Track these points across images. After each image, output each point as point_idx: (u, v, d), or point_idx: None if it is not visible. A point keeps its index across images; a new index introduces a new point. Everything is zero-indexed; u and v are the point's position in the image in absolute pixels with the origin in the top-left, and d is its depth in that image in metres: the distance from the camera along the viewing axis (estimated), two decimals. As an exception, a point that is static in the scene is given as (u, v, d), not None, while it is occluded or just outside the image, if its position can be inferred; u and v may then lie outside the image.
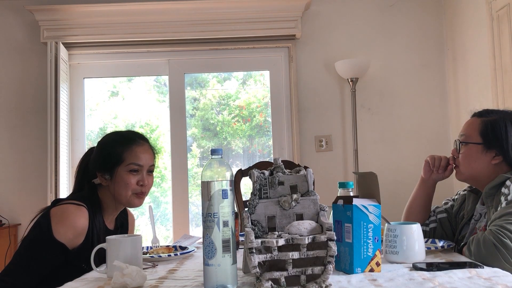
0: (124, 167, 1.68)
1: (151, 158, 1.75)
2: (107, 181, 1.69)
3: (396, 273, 1.24)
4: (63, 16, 3.49)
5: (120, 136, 1.77)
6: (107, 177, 1.69)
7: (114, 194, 1.69)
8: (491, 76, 2.87)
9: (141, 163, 1.70)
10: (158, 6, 3.50)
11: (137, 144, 1.72)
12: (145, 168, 1.72)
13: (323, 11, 3.64)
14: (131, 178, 1.68)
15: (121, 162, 1.68)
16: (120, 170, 1.67)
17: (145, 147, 1.74)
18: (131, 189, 1.68)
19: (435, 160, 1.79)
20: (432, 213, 1.85)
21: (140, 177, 1.70)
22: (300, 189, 1.20)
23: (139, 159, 1.70)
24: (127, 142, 1.71)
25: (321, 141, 3.58)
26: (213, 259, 1.12)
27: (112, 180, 1.68)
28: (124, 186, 1.67)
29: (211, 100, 3.93)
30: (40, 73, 3.50)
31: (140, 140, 1.75)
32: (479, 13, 3.04)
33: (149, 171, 1.75)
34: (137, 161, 1.69)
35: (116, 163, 1.68)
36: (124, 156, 1.68)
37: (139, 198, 1.71)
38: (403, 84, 3.61)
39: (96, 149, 1.76)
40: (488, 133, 1.64)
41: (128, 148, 1.69)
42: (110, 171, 1.68)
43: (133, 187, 1.68)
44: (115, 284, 1.18)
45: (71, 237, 1.57)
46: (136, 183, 1.69)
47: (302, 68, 3.62)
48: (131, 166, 1.68)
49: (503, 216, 1.42)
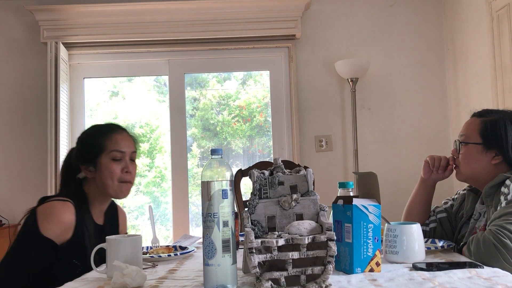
0: (106, 156, 1.68)
1: (132, 145, 1.77)
2: (92, 173, 1.70)
3: (396, 273, 1.24)
4: (63, 16, 3.49)
5: (99, 127, 1.80)
6: (91, 168, 1.69)
7: (100, 185, 1.69)
8: (491, 76, 2.87)
9: (122, 149, 1.71)
10: (158, 6, 3.50)
11: (116, 132, 1.74)
12: (127, 155, 1.72)
13: (323, 11, 3.64)
14: (115, 167, 1.68)
15: (103, 151, 1.69)
16: (103, 159, 1.68)
17: (125, 135, 1.77)
18: (117, 178, 1.69)
19: (435, 160, 1.79)
20: (432, 213, 1.85)
21: (124, 164, 1.71)
22: (300, 189, 1.20)
23: (120, 146, 1.71)
24: (107, 132, 1.73)
25: (321, 141, 3.58)
26: (213, 259, 1.13)
27: (97, 171, 1.68)
28: (110, 175, 1.68)
29: (211, 100, 3.93)
30: (40, 73, 3.50)
31: (118, 129, 1.77)
32: (479, 13, 3.04)
33: (132, 159, 1.75)
34: (118, 148, 1.70)
35: (98, 152, 1.69)
36: (105, 144, 1.69)
37: (126, 187, 1.72)
38: (403, 84, 3.61)
39: (77, 144, 1.78)
40: (488, 133, 1.64)
41: (108, 137, 1.71)
42: (94, 162, 1.69)
43: (119, 176, 1.69)
44: (115, 284, 1.18)
45: (58, 232, 1.58)
46: (120, 171, 1.69)
47: (302, 68, 3.62)
48: (113, 153, 1.69)
49: (502, 216, 1.42)
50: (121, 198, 1.75)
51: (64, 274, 1.53)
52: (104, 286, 1.24)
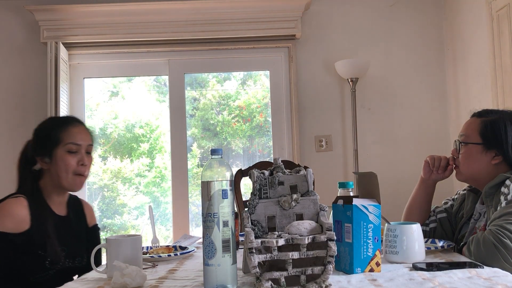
0: (62, 148, 1.71)
1: (89, 138, 1.79)
2: (47, 165, 1.72)
3: (396, 273, 1.24)
4: (63, 16, 3.49)
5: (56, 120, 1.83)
6: (47, 160, 1.72)
7: (55, 177, 1.71)
8: (491, 76, 2.87)
9: (78, 142, 1.73)
10: (158, 6, 3.50)
11: (73, 125, 1.77)
12: (83, 148, 1.75)
13: (323, 11, 3.64)
14: (70, 159, 1.71)
15: (59, 143, 1.71)
16: (59, 151, 1.71)
17: (81, 128, 1.79)
18: (71, 170, 1.71)
19: (435, 160, 1.79)
20: (432, 213, 1.85)
21: (80, 157, 1.73)
22: (300, 189, 1.20)
23: (77, 138, 1.73)
24: (63, 124, 1.76)
25: (321, 141, 3.58)
26: (213, 259, 1.13)
27: (52, 162, 1.71)
28: (64, 168, 1.70)
29: (211, 100, 3.93)
30: (40, 73, 3.50)
31: (75, 122, 1.80)
32: (479, 13, 3.04)
33: (87, 151, 1.78)
34: (74, 141, 1.72)
35: (54, 144, 1.71)
36: (61, 137, 1.72)
37: (79, 179, 1.74)
38: (403, 84, 3.61)
39: (33, 135, 1.80)
40: (487, 133, 1.64)
41: (64, 129, 1.73)
42: (49, 153, 1.71)
43: (74, 168, 1.71)
44: (115, 284, 1.18)
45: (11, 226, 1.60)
46: (76, 163, 1.72)
47: (302, 68, 3.62)
48: (69, 146, 1.71)
49: (502, 216, 1.42)
50: (75, 191, 1.77)
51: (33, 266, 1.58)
52: (104, 286, 1.24)
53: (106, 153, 3.93)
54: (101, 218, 3.91)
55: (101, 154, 3.92)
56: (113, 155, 3.93)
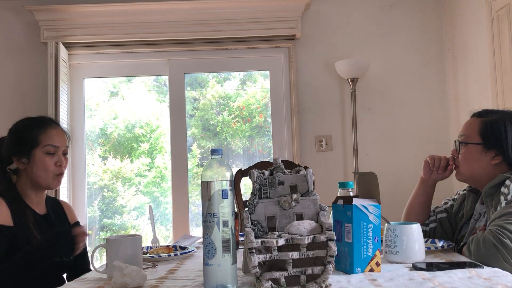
0: (41, 149, 1.74)
1: (65, 140, 1.83)
2: (24, 165, 1.74)
3: (396, 273, 1.24)
4: (63, 16, 3.49)
5: (33, 120, 1.85)
6: (24, 160, 1.74)
7: (33, 177, 1.74)
8: (491, 76, 2.87)
9: (57, 144, 1.77)
10: (158, 6, 3.50)
11: (51, 127, 1.80)
12: (60, 150, 1.79)
13: (323, 11, 3.64)
14: (48, 160, 1.75)
15: (37, 144, 1.74)
16: (37, 152, 1.74)
17: (59, 130, 1.83)
18: (50, 171, 1.75)
19: (435, 160, 1.79)
20: (432, 213, 1.85)
21: (57, 158, 1.77)
22: (300, 189, 1.20)
23: (55, 141, 1.77)
24: (42, 126, 1.79)
25: (321, 141, 3.58)
26: (213, 259, 1.13)
27: (30, 163, 1.74)
28: (43, 169, 1.74)
29: (211, 100, 3.93)
30: (40, 73, 3.50)
31: (53, 124, 1.83)
32: (479, 13, 3.04)
33: (64, 153, 1.82)
34: (53, 143, 1.76)
35: (32, 145, 1.74)
36: (40, 138, 1.75)
37: (58, 179, 1.79)
38: (403, 84, 3.61)
39: (10, 135, 1.82)
40: (487, 133, 1.64)
41: (43, 131, 1.77)
42: (27, 154, 1.74)
43: (52, 169, 1.75)
44: (115, 284, 1.18)
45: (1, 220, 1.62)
46: (54, 164, 1.76)
47: (302, 68, 3.62)
48: (48, 148, 1.75)
49: (502, 216, 1.42)
50: (53, 188, 1.82)
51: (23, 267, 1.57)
52: (104, 286, 1.25)
53: (106, 153, 3.93)
54: (101, 218, 3.91)
55: (101, 154, 3.92)
56: (113, 155, 3.93)
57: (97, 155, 3.88)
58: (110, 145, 3.95)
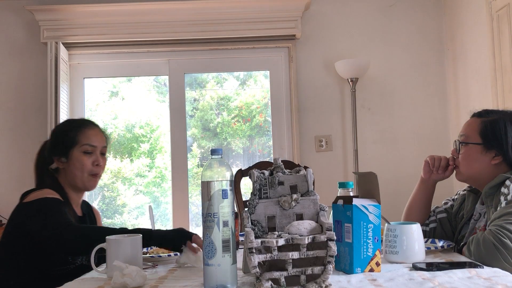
0: (78, 149, 1.80)
1: (103, 140, 1.89)
2: (63, 164, 1.81)
3: (396, 273, 1.24)
4: (63, 16, 3.49)
5: (73, 122, 1.94)
6: (63, 160, 1.80)
7: (70, 176, 1.80)
8: (491, 76, 2.87)
9: (94, 144, 1.83)
10: (158, 6, 3.50)
11: (89, 128, 1.86)
12: (98, 149, 1.84)
13: (323, 11, 3.64)
14: (86, 160, 1.80)
15: (75, 144, 1.80)
16: (75, 152, 1.80)
17: (97, 130, 1.89)
18: (87, 170, 1.80)
19: (435, 160, 1.79)
20: (432, 213, 1.85)
21: (95, 158, 1.82)
22: (300, 189, 1.20)
23: (92, 140, 1.83)
24: (80, 126, 1.86)
25: (321, 141, 3.58)
26: (213, 259, 1.13)
27: (68, 162, 1.80)
28: (80, 167, 1.79)
29: (211, 100, 3.93)
30: (40, 73, 3.50)
31: (91, 125, 1.90)
32: (479, 13, 3.04)
33: (102, 153, 1.87)
34: (90, 142, 1.82)
35: (70, 145, 1.80)
36: (78, 138, 1.81)
37: (94, 179, 1.83)
38: (403, 84, 3.61)
39: (51, 136, 1.90)
40: (487, 133, 1.64)
41: (81, 131, 1.83)
42: (66, 153, 1.80)
43: (89, 168, 1.80)
44: (115, 284, 1.18)
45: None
46: (91, 164, 1.81)
47: (302, 68, 3.62)
48: (85, 147, 1.81)
49: (502, 216, 1.42)
50: (89, 190, 1.86)
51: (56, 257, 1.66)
52: (104, 286, 1.24)
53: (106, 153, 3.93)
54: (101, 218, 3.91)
55: (101, 154, 3.91)
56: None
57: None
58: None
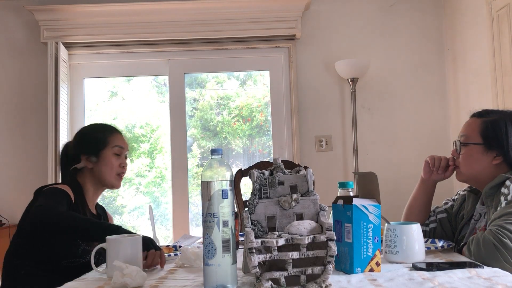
0: (109, 150, 1.89)
1: (128, 145, 2.00)
2: (92, 163, 1.87)
3: (396, 273, 1.24)
4: (63, 16, 3.49)
5: (102, 125, 2.03)
6: (93, 159, 1.87)
7: (99, 175, 1.87)
8: (491, 76, 2.87)
9: (123, 146, 1.94)
10: (158, 6, 3.50)
11: (117, 132, 1.98)
12: (124, 152, 1.95)
13: (323, 11, 3.64)
14: (115, 160, 1.89)
15: (107, 144, 1.89)
16: (106, 152, 1.88)
17: (123, 135, 2.00)
18: (115, 170, 1.89)
19: (435, 160, 1.79)
20: (432, 213, 1.85)
21: (122, 160, 1.92)
22: (300, 189, 1.20)
23: (122, 142, 1.94)
24: (110, 129, 1.96)
25: (321, 141, 3.58)
26: (213, 259, 1.13)
27: (98, 162, 1.87)
28: (110, 167, 1.88)
29: (211, 100, 3.93)
30: (40, 73, 3.50)
31: (118, 129, 2.01)
32: (479, 13, 3.04)
33: (126, 156, 1.98)
34: (121, 144, 1.92)
35: (102, 145, 1.89)
36: (109, 140, 1.90)
37: (120, 179, 1.93)
38: (403, 84, 3.61)
39: (80, 136, 1.97)
40: (488, 133, 1.63)
41: (111, 134, 1.93)
42: (96, 153, 1.87)
43: (117, 169, 1.90)
44: (115, 284, 1.18)
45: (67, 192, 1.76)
46: (118, 165, 1.90)
47: (302, 68, 3.62)
48: (116, 148, 1.90)
49: (502, 216, 1.42)
50: (116, 188, 1.95)
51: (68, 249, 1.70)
52: (104, 286, 1.24)
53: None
54: (101, 218, 3.91)
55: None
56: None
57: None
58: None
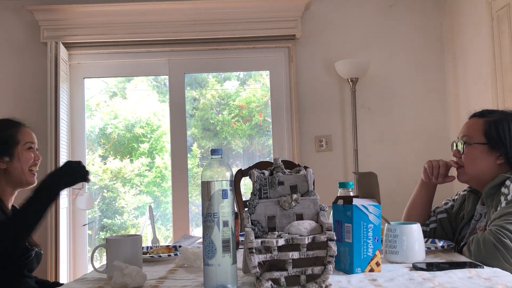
0: (22, 146, 1.89)
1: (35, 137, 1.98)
2: (5, 164, 1.86)
3: (396, 273, 1.24)
4: (63, 16, 3.49)
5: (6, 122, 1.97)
6: (7, 159, 1.86)
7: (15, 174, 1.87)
8: (491, 76, 2.87)
9: (34, 140, 1.94)
10: (158, 6, 3.50)
11: (24, 126, 1.95)
12: (35, 145, 1.95)
13: (323, 11, 3.64)
14: (29, 155, 1.90)
15: (18, 142, 1.88)
16: (20, 149, 1.88)
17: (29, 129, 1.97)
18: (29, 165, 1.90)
19: (433, 168, 1.77)
20: (432, 213, 1.85)
21: (35, 154, 1.93)
22: (300, 189, 1.20)
23: (31, 137, 1.94)
24: (16, 125, 1.93)
25: (321, 141, 3.58)
26: (213, 259, 1.13)
27: (12, 160, 1.86)
28: (26, 162, 1.88)
29: (211, 100, 3.93)
30: (40, 73, 3.50)
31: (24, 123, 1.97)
32: (479, 13, 3.04)
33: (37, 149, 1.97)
34: (31, 139, 1.93)
35: (13, 144, 1.87)
36: (19, 137, 1.89)
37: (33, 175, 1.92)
38: (403, 84, 3.61)
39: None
40: (492, 133, 1.63)
41: (19, 130, 1.91)
42: (9, 152, 1.86)
43: (31, 163, 1.91)
44: (115, 284, 1.18)
45: None
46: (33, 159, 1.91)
47: (302, 68, 3.62)
48: (28, 144, 1.90)
49: (503, 216, 1.42)
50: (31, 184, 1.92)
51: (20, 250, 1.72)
52: (104, 286, 1.25)
53: (106, 153, 3.93)
54: (101, 218, 3.91)
55: (101, 154, 3.92)
56: (113, 155, 3.93)
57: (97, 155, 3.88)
58: (110, 145, 3.95)
